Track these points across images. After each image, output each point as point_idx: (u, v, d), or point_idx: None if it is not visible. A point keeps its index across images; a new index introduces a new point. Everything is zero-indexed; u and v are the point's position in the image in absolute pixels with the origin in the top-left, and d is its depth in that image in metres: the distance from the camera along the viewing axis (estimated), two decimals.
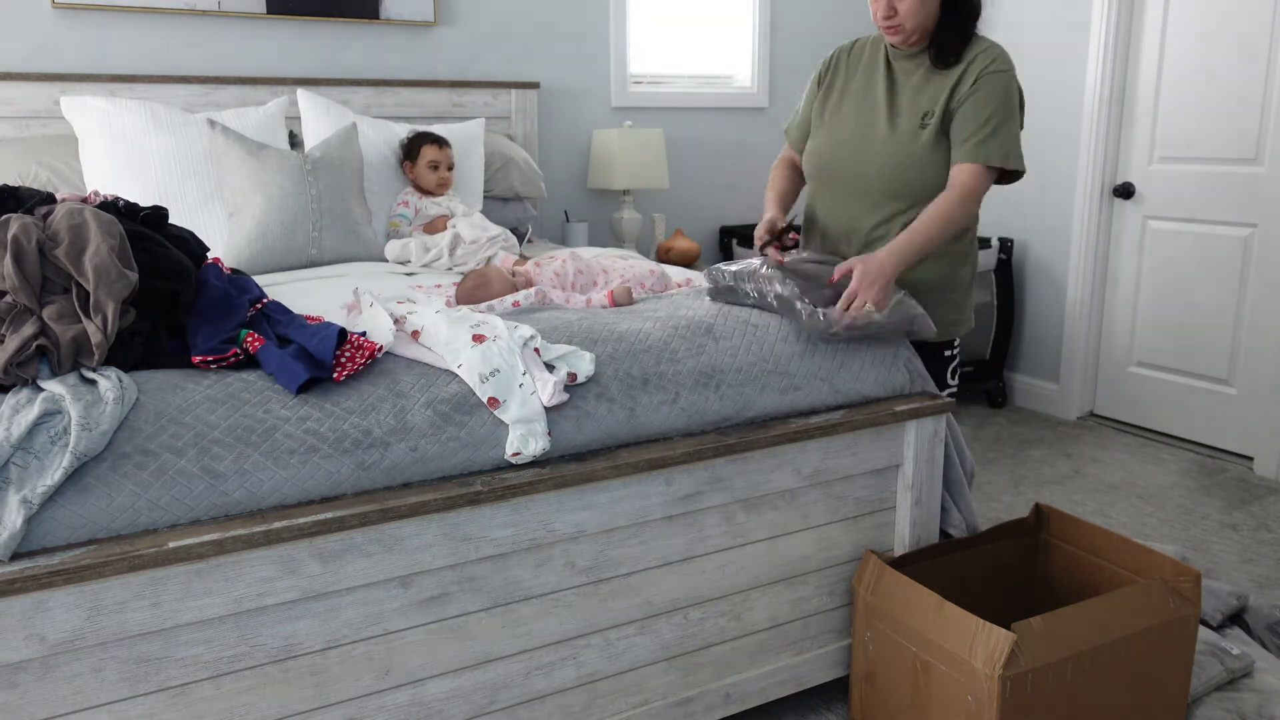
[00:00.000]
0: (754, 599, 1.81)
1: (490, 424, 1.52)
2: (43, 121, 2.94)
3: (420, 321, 1.65)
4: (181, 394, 1.40)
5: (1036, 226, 4.03)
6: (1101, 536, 1.95)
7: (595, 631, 1.65)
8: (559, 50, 3.79)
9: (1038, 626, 1.58)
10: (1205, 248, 3.51)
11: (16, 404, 1.31)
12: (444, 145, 2.99)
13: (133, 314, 1.46)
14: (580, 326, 1.75)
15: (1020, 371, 4.16)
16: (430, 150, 2.96)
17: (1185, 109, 3.52)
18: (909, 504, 1.92)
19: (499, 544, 1.51)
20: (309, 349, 1.49)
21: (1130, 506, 3.04)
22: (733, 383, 1.74)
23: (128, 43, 3.08)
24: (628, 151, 3.64)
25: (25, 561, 1.21)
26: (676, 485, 1.66)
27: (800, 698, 2.02)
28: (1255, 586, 2.51)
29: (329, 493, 1.41)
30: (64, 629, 1.23)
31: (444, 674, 1.52)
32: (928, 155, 2.00)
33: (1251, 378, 3.41)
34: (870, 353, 1.90)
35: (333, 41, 3.36)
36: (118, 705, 1.29)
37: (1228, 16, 3.35)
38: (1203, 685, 1.98)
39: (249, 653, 1.36)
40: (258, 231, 2.61)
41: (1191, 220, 3.55)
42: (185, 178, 2.71)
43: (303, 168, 2.71)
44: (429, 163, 2.95)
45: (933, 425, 1.91)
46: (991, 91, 1.94)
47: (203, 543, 1.27)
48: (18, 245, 1.40)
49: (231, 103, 3.15)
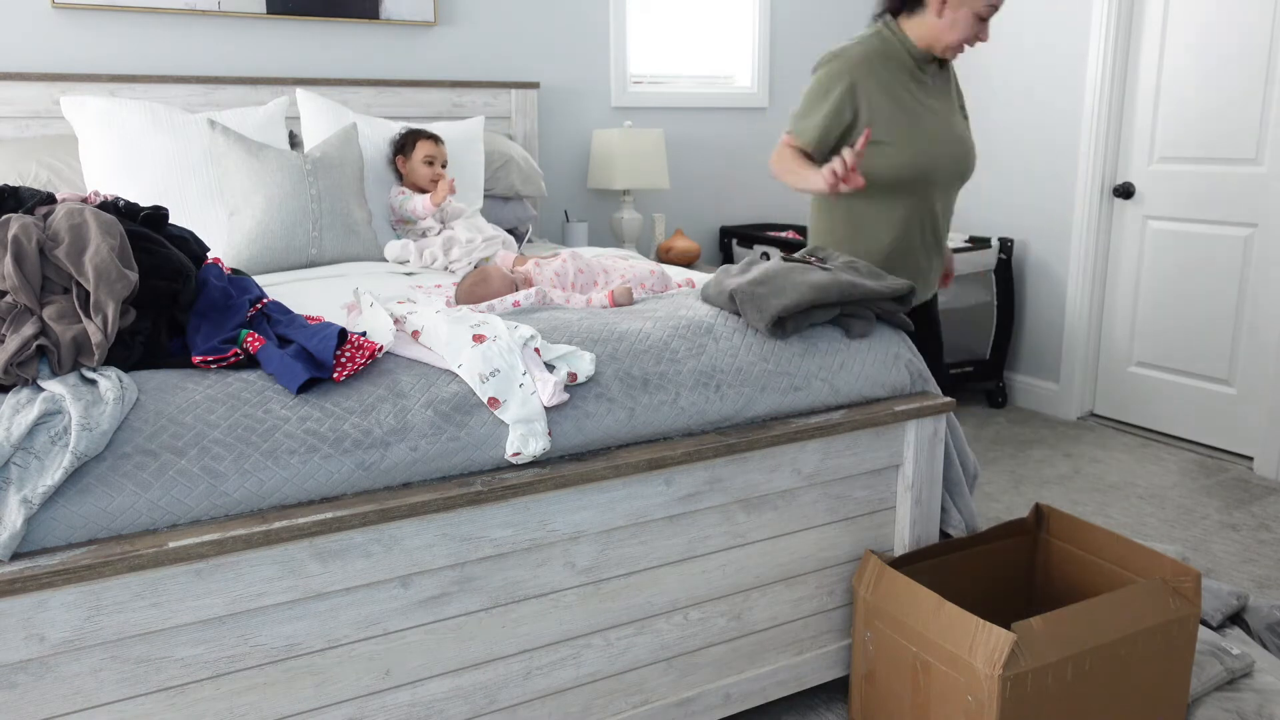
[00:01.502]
0: (754, 599, 1.81)
1: (490, 424, 1.52)
2: (43, 121, 2.94)
3: (420, 321, 1.65)
4: (181, 394, 1.40)
5: (1036, 226, 4.03)
6: (1101, 536, 1.95)
7: (595, 631, 1.65)
8: (559, 50, 3.79)
9: (1038, 626, 1.58)
10: (1205, 248, 3.52)
11: (16, 404, 1.31)
12: (439, 142, 2.98)
13: (133, 314, 1.46)
14: (580, 326, 1.75)
15: (1020, 371, 4.16)
16: (426, 145, 2.94)
17: (1185, 109, 3.52)
18: (909, 504, 1.92)
19: (499, 544, 1.51)
20: (309, 349, 1.49)
21: (1130, 506, 3.04)
22: (733, 383, 1.74)
23: (128, 43, 3.08)
24: (628, 151, 3.64)
25: (25, 561, 1.21)
26: (676, 485, 1.66)
27: (800, 698, 2.02)
28: (1255, 586, 2.51)
29: (329, 493, 1.41)
30: (64, 629, 1.23)
31: (444, 674, 1.52)
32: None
33: (1251, 378, 3.41)
34: (870, 353, 1.90)
35: (333, 41, 3.36)
36: (118, 705, 1.29)
37: (1228, 17, 3.35)
38: (1203, 685, 1.98)
39: (249, 653, 1.36)
40: (258, 231, 2.61)
41: (1191, 220, 3.55)
42: (185, 178, 2.71)
43: (303, 168, 2.71)
44: (424, 157, 2.93)
45: (933, 425, 1.91)
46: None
47: (203, 543, 1.27)
48: (18, 245, 1.40)
49: (231, 103, 3.15)
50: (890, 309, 1.93)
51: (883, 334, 1.94)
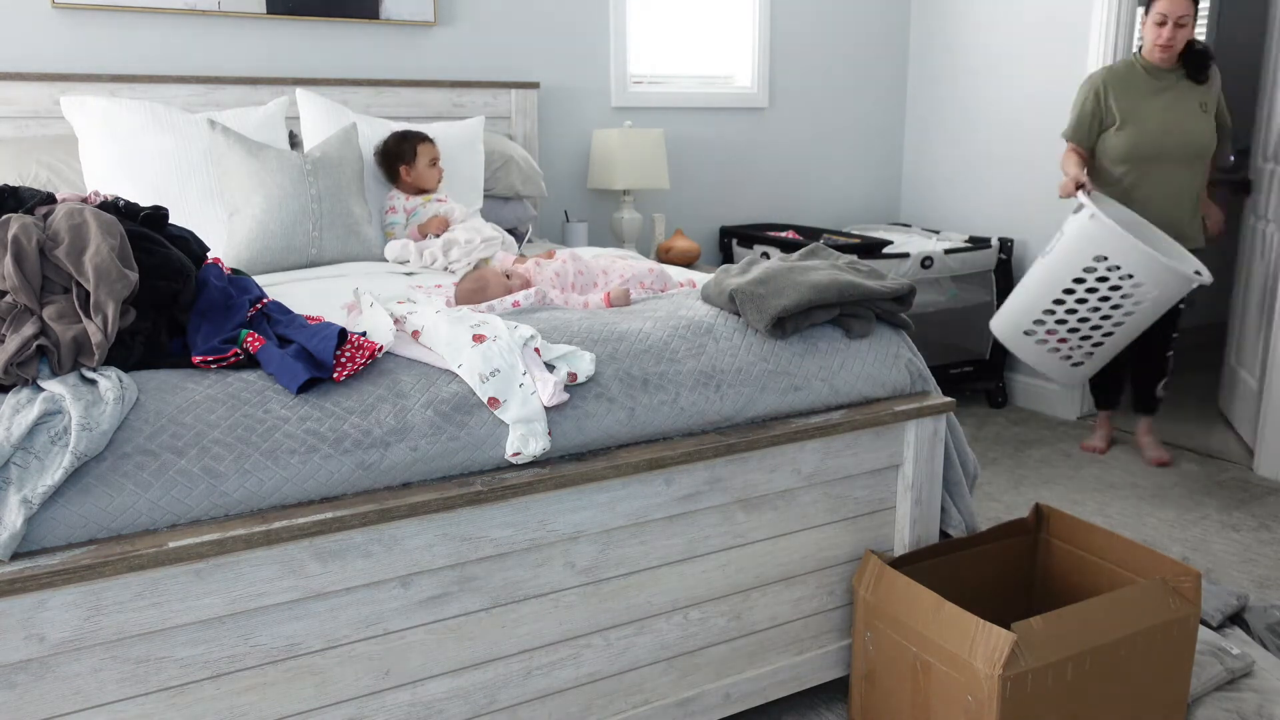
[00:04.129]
0: (754, 599, 1.81)
1: (490, 424, 1.52)
2: (43, 121, 2.94)
3: (420, 321, 1.65)
4: (181, 394, 1.40)
5: (1036, 226, 4.02)
6: (1101, 536, 1.95)
7: (595, 631, 1.65)
8: (559, 50, 3.79)
9: (1038, 626, 1.58)
10: None
11: (16, 404, 1.31)
12: (433, 140, 2.98)
13: (133, 314, 1.46)
14: (580, 326, 1.75)
15: (1020, 371, 4.16)
16: (428, 148, 2.93)
17: None
18: (909, 504, 1.92)
19: (499, 544, 1.51)
20: (309, 349, 1.49)
21: (1130, 506, 3.04)
22: (733, 383, 1.74)
23: (128, 43, 3.08)
24: (628, 151, 3.64)
25: (25, 561, 1.21)
26: (676, 485, 1.66)
27: (800, 698, 2.02)
28: (1255, 586, 2.51)
29: (329, 493, 1.41)
30: (64, 629, 1.23)
31: (444, 674, 1.52)
32: (1213, 129, 3.17)
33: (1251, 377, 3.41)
34: (870, 353, 1.90)
35: (332, 41, 3.36)
36: (118, 705, 1.29)
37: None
38: (1203, 685, 1.98)
39: (249, 653, 1.36)
40: (258, 231, 2.61)
41: None
42: (185, 178, 2.71)
43: (303, 168, 2.71)
44: (430, 160, 2.93)
45: (933, 425, 1.91)
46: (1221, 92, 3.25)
47: (203, 543, 1.27)
48: (18, 245, 1.40)
49: (231, 103, 3.15)
50: (890, 309, 1.93)
51: (883, 334, 1.94)
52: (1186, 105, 3.14)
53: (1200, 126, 3.13)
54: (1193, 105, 3.14)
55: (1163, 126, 3.12)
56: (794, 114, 4.34)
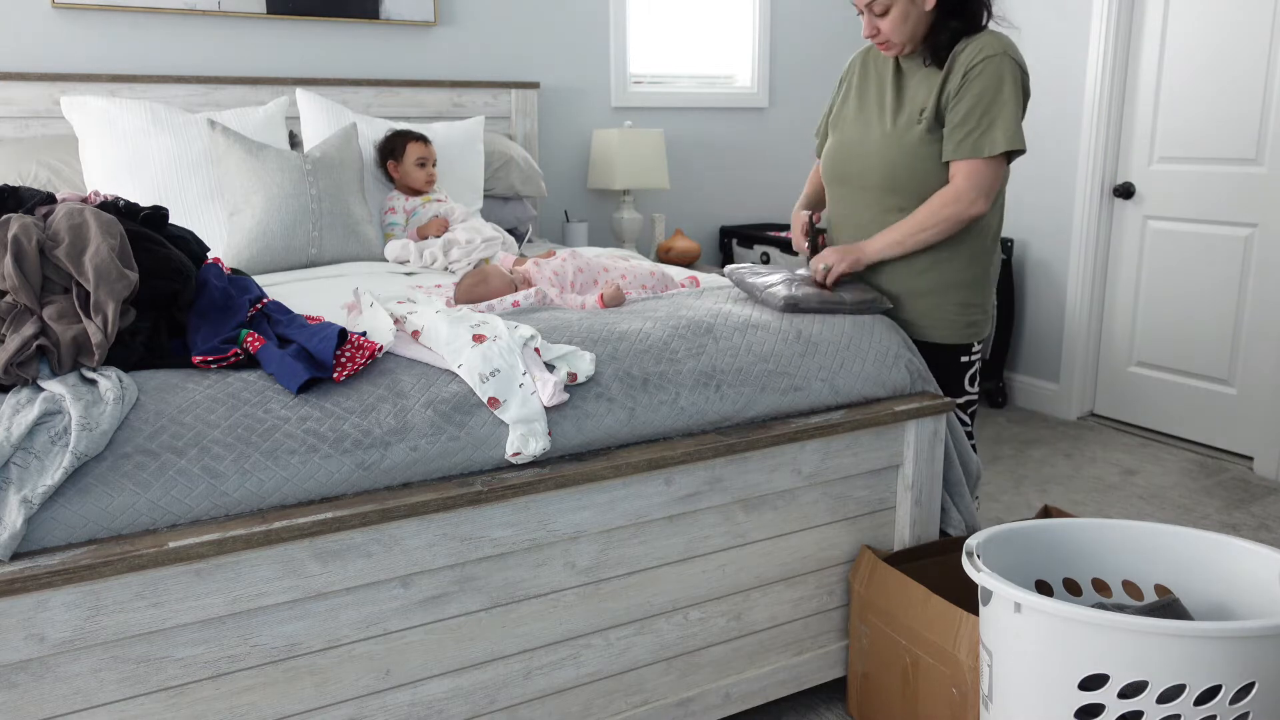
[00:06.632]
0: (754, 599, 1.81)
1: (490, 424, 1.52)
2: (43, 121, 2.94)
3: (420, 321, 1.65)
4: (181, 394, 1.40)
5: (1036, 226, 4.03)
6: None
7: (595, 631, 1.65)
8: (559, 50, 3.79)
9: None
10: (1205, 248, 3.51)
11: (16, 404, 1.31)
12: (428, 142, 2.98)
13: (133, 314, 1.46)
14: (580, 326, 1.75)
15: (1020, 371, 4.16)
16: (417, 147, 2.95)
17: (1185, 109, 3.52)
18: (909, 504, 1.92)
19: (499, 544, 1.51)
20: (309, 349, 1.49)
21: (1130, 506, 3.04)
22: (733, 383, 1.74)
23: (128, 43, 3.08)
24: (628, 151, 3.64)
25: (25, 561, 1.21)
26: (676, 485, 1.66)
27: (800, 697, 2.02)
28: None
29: (329, 493, 1.41)
30: (64, 629, 1.23)
31: (444, 674, 1.52)
32: (923, 151, 1.98)
33: (1251, 378, 3.41)
34: (870, 353, 1.90)
35: (333, 41, 3.36)
36: (118, 705, 1.29)
37: (1228, 16, 3.35)
38: None
39: (249, 653, 1.36)
40: (258, 231, 2.61)
41: (1192, 220, 3.55)
42: (185, 178, 2.71)
43: (303, 168, 2.71)
44: (417, 159, 2.94)
45: (933, 425, 1.91)
46: (981, 82, 1.92)
47: (203, 543, 1.27)
48: (18, 245, 1.40)
49: (231, 103, 3.15)
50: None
51: (883, 334, 1.94)
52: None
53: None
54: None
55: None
56: (794, 114, 4.34)
